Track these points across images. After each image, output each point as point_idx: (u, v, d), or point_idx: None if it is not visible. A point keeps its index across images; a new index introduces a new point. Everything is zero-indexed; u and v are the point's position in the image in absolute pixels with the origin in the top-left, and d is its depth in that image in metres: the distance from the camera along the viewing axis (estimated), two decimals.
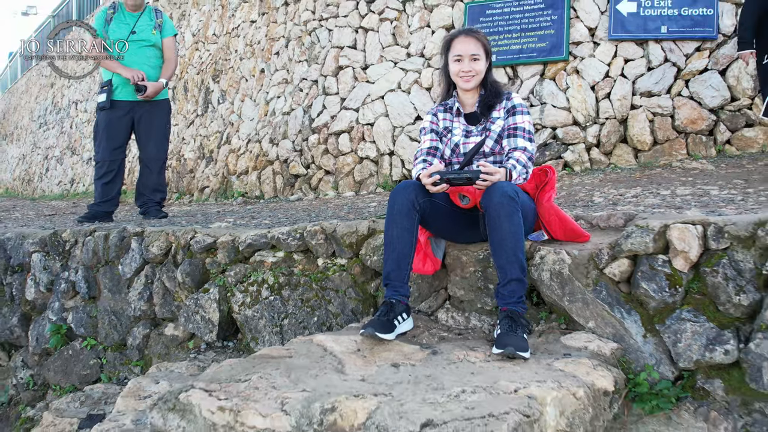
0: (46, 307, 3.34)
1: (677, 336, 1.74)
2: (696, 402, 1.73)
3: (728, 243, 1.73)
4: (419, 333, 1.96)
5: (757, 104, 4.57)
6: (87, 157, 11.48)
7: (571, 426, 1.46)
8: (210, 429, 1.44)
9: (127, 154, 4.32)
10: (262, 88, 6.57)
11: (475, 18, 5.24)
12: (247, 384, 1.52)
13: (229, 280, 2.55)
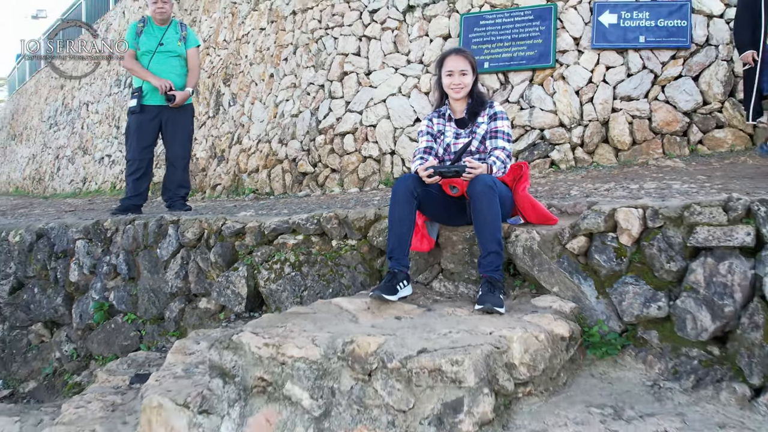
0: (88, 287, 3.79)
1: (622, 297, 2.19)
2: (637, 348, 2.18)
3: (662, 222, 2.17)
4: (417, 297, 2.41)
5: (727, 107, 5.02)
6: (99, 157, 11.93)
7: (534, 360, 1.90)
8: (257, 360, 1.89)
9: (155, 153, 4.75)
10: (272, 91, 7.02)
11: (470, 28, 5.68)
12: (283, 329, 1.97)
13: (255, 259, 2.99)
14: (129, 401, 2.63)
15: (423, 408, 1.66)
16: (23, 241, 4.30)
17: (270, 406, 1.88)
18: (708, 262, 2.06)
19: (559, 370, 2.03)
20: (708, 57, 5.10)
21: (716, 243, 2.05)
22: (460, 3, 5.78)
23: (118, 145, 11.09)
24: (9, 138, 20.98)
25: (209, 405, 2.00)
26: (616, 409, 1.91)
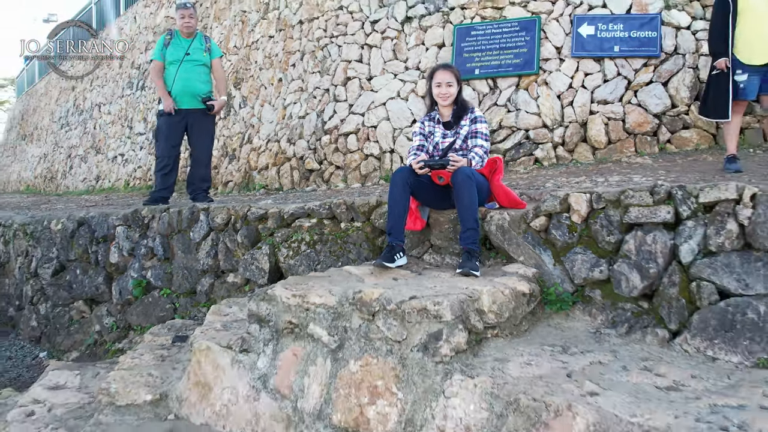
0: (127, 267, 4.35)
1: (573, 263, 2.76)
2: (584, 304, 2.74)
3: (604, 204, 2.74)
4: (410, 266, 2.97)
5: (693, 110, 5.58)
6: (112, 156, 12.49)
7: (500, 309, 2.47)
8: (287, 308, 2.45)
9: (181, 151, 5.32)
10: (280, 95, 7.58)
11: (462, 37, 6.24)
12: (306, 285, 2.54)
13: (276, 239, 3.56)
14: (174, 354, 3.20)
15: (413, 338, 2.23)
16: (65, 228, 4.87)
17: (296, 343, 2.45)
18: (638, 235, 2.62)
19: (521, 319, 2.59)
20: (676, 65, 5.65)
21: (644, 220, 2.61)
22: (453, 15, 6.34)
23: (131, 145, 11.66)
24: (19, 138, 21.56)
25: (248, 345, 2.57)
26: (564, 348, 2.48)
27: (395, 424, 2.21)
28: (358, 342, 2.31)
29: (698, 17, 5.70)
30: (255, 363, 2.54)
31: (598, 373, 2.23)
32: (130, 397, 2.72)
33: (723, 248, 2.46)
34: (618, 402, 2.00)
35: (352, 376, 2.29)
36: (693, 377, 2.27)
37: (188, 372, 2.73)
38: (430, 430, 2.14)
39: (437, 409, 2.14)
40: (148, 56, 11.92)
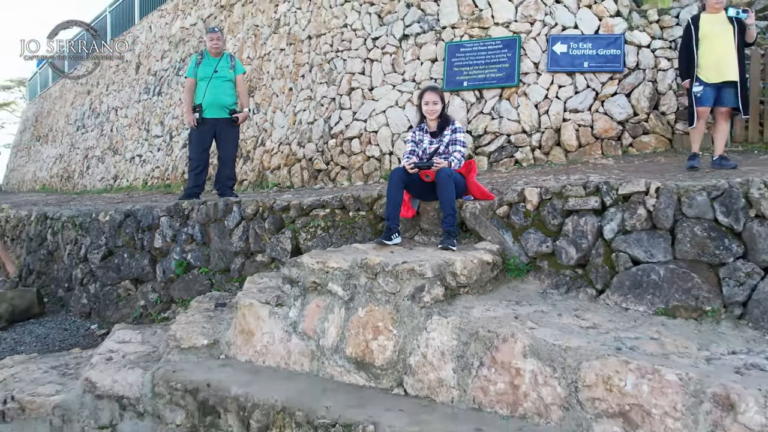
0: (170, 251, 5.22)
1: (527, 241, 3.62)
2: (535, 272, 3.60)
3: (550, 196, 3.60)
4: (404, 244, 3.84)
5: (652, 118, 6.43)
6: (129, 156, 13.36)
7: (469, 273, 3.32)
8: (311, 271, 3.32)
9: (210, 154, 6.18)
10: (291, 102, 8.45)
11: (452, 53, 7.10)
12: (325, 256, 3.40)
13: (297, 226, 4.42)
14: (217, 315, 4.06)
15: (404, 291, 3.09)
16: (113, 219, 5.73)
17: (319, 297, 3.31)
18: (574, 219, 3.49)
19: (486, 281, 3.46)
20: (637, 79, 6.52)
21: (579, 207, 3.48)
22: (444, 33, 7.21)
23: (148, 147, 12.52)
24: (33, 139, 22.43)
25: (282, 300, 3.43)
26: (517, 301, 3.34)
27: (391, 353, 3.07)
28: (365, 295, 3.18)
29: (657, 37, 6.57)
30: (287, 313, 3.40)
31: (538, 317, 3.09)
32: (191, 342, 3.59)
33: (635, 228, 3.33)
34: (548, 333, 2.86)
35: (360, 320, 3.16)
36: (609, 321, 3.13)
37: (234, 323, 3.60)
38: (417, 355, 3.00)
39: (421, 340, 3.00)
40: (164, 64, 12.78)
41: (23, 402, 3.59)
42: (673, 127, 6.41)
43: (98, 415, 3.54)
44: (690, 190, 3.24)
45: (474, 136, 6.79)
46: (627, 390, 2.53)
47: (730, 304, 3.08)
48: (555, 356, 2.71)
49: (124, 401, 3.49)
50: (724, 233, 3.13)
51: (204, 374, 3.33)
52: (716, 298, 3.10)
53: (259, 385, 3.16)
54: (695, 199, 3.20)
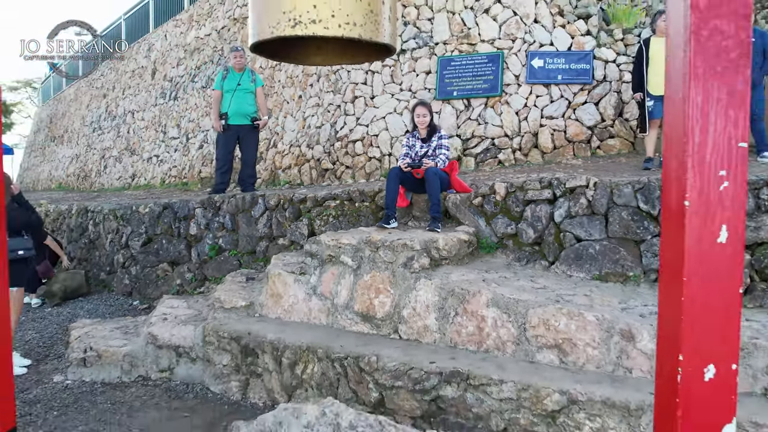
0: (203, 237, 6.19)
1: (497, 225, 4.59)
2: (502, 249, 4.58)
3: (515, 189, 4.57)
4: (399, 227, 4.81)
5: (617, 124, 7.39)
6: (147, 156, 14.32)
7: (450, 249, 4.30)
8: (327, 246, 4.30)
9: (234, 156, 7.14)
10: (300, 108, 9.42)
11: (444, 66, 8.06)
12: (337, 235, 4.38)
13: (312, 214, 5.39)
14: (249, 286, 5.03)
15: (398, 260, 4.07)
16: (152, 211, 6.71)
17: (333, 267, 4.29)
18: (532, 207, 4.46)
19: (463, 256, 4.43)
20: (604, 90, 7.48)
21: (536, 198, 4.45)
22: (437, 48, 8.17)
23: (165, 147, 13.49)
24: (48, 140, 23.39)
25: (304, 270, 4.41)
26: (486, 270, 4.31)
27: (389, 307, 4.05)
28: (368, 264, 4.15)
29: (621, 53, 7.53)
30: (309, 280, 4.37)
31: (501, 280, 4.07)
32: (232, 303, 4.56)
33: (578, 213, 4.30)
34: (506, 291, 3.83)
35: (365, 283, 4.13)
36: (555, 284, 4.10)
37: (265, 289, 4.57)
38: (408, 309, 3.97)
39: (411, 297, 3.98)
40: (179, 71, 13.74)
41: (99, 351, 4.56)
42: (635, 132, 7.37)
43: (159, 361, 4.52)
44: (619, 184, 4.22)
45: (462, 140, 7.75)
46: (560, 328, 3.50)
47: (647, 271, 4.05)
48: (510, 306, 3.68)
49: (180, 350, 4.46)
50: (644, 217, 4.10)
51: (244, 326, 4.30)
52: (637, 266, 4.08)
53: (288, 333, 4.13)
54: (623, 191, 4.17)
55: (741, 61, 0.93)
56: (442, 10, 8.20)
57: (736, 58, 0.92)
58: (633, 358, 3.29)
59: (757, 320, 3.35)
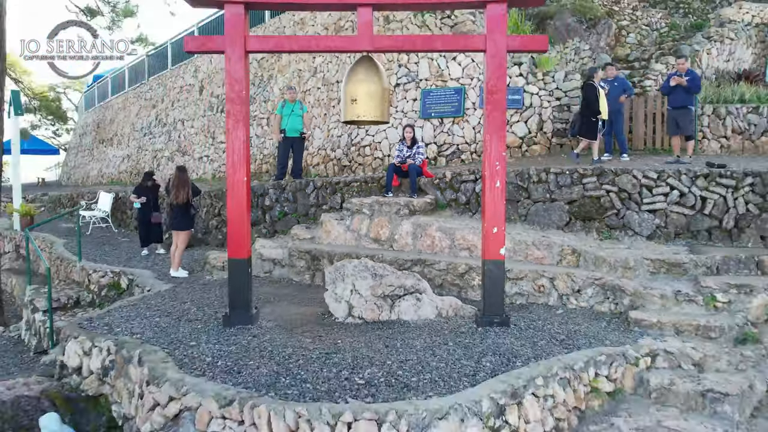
0: (273, 206, 10.04)
1: (445, 194, 8.46)
2: (448, 207, 8.45)
3: (456, 174, 8.43)
4: (394, 197, 8.68)
5: (539, 135, 11.21)
6: (198, 156, 18.13)
7: (422, 206, 8.17)
8: (354, 205, 8.18)
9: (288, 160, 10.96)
10: (325, 123, 13.25)
11: (426, 95, 11.86)
12: (360, 199, 8.26)
13: (343, 191, 9.24)
14: (309, 230, 8.91)
15: (392, 211, 7.95)
16: None
17: (358, 215, 8.19)
18: (464, 184, 8.32)
19: (427, 210, 8.30)
20: (530, 113, 11.30)
21: (466, 179, 8.31)
22: (421, 83, 11.98)
23: (214, 150, 17.30)
24: (96, 142, 27.21)
25: (342, 217, 8.29)
26: (439, 217, 8.17)
27: (388, 234, 7.92)
28: (377, 213, 8.02)
29: (542, 88, 11.37)
30: (345, 223, 8.24)
31: (445, 221, 7.92)
32: (302, 236, 8.44)
33: None
34: (447, 224, 7.71)
35: (375, 222, 8.00)
36: (472, 223, 7.97)
37: (320, 229, 8.44)
38: (397, 234, 7.85)
39: (398, 229, 7.85)
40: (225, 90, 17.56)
41: None
42: (551, 140, 11.21)
43: (263, 267, 8.37)
44: (511, 171, 8.07)
45: (437, 146, 11.57)
46: (468, 239, 7.36)
47: (521, 216, 7.91)
48: (447, 231, 7.55)
49: (275, 261, 8.32)
50: (520, 188, 7.96)
51: (310, 246, 8.17)
52: (515, 213, 7.94)
53: (335, 249, 7.98)
54: (510, 174, 8.03)
55: (498, 97, 4.78)
56: (425, 57, 12.03)
57: (502, 103, 4.79)
58: None
59: (518, 230, 7.22)
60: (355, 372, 4.42)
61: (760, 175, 7.00)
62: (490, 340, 5.18)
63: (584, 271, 6.53)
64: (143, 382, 4.67)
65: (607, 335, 5.44)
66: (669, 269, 6.36)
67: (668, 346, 5.30)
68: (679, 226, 7.16)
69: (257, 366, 4.58)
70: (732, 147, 10.57)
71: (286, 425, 3.77)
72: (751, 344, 5.41)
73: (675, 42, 13.61)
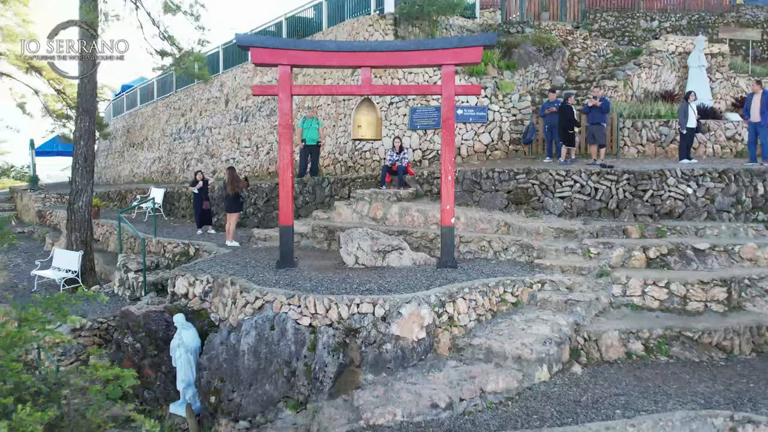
0: (297, 197, 13.42)
1: (423, 187, 11.83)
2: (425, 197, 11.81)
3: (423, 173, 11.80)
4: (387, 189, 12.05)
5: (498, 143, 14.56)
6: (224, 159, 21.45)
7: (407, 195, 11.54)
8: (359, 195, 11.59)
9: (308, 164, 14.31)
10: (334, 132, 16.61)
11: (413, 112, 15.19)
12: (362, 191, 11.66)
13: (350, 185, 12.60)
14: (326, 212, 12.32)
15: (384, 197, 11.34)
16: (270, 186, 13.93)
17: (361, 201, 11.60)
18: (437, 180, 11.69)
19: (410, 198, 11.70)
20: (493, 125, 14.65)
21: (438, 176, 11.67)
22: (410, 102, 15.32)
23: (240, 153, 20.63)
24: (127, 145, 30.57)
25: (350, 203, 11.69)
26: (420, 202, 11.54)
27: (382, 215, 11.32)
28: (374, 200, 11.40)
29: (502, 107, 14.74)
30: (352, 206, 11.61)
31: (422, 205, 11.30)
32: (321, 217, 11.83)
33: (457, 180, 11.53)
34: (423, 207, 11.11)
35: (372, 207, 11.38)
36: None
37: (334, 212, 11.83)
38: (389, 214, 11.24)
39: (389, 211, 11.24)
40: (248, 103, 20.87)
41: (267, 237, 11.79)
42: (509, 147, 14.57)
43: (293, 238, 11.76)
44: (468, 171, 11.44)
45: (422, 151, 14.91)
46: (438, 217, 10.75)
47: (474, 201, 11.30)
48: (423, 211, 10.96)
49: (301, 234, 11.70)
50: (475, 182, 11.34)
51: (327, 224, 11.56)
52: (471, 200, 11.32)
53: (344, 225, 11.35)
54: (467, 172, 11.41)
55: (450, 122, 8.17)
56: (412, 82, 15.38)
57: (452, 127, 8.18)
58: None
59: (472, 212, 10.62)
60: (361, 286, 7.79)
61: (633, 173, 10.36)
62: (443, 274, 8.54)
63: (511, 236, 9.88)
64: (236, 294, 8.03)
65: (517, 272, 8.80)
66: (566, 234, 9.72)
67: (554, 278, 8.66)
68: (580, 207, 10.51)
69: (303, 284, 7.96)
70: (646, 152, 13.97)
71: (323, 306, 7.15)
72: (605, 277, 8.75)
73: (616, 66, 16.97)
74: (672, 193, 10.29)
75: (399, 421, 5.98)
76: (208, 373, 7.51)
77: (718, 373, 7.02)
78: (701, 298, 8.33)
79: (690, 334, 7.65)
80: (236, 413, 7.26)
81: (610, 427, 5.54)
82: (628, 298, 8.49)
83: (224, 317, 8.26)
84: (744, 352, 7.63)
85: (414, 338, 7.08)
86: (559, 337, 7.27)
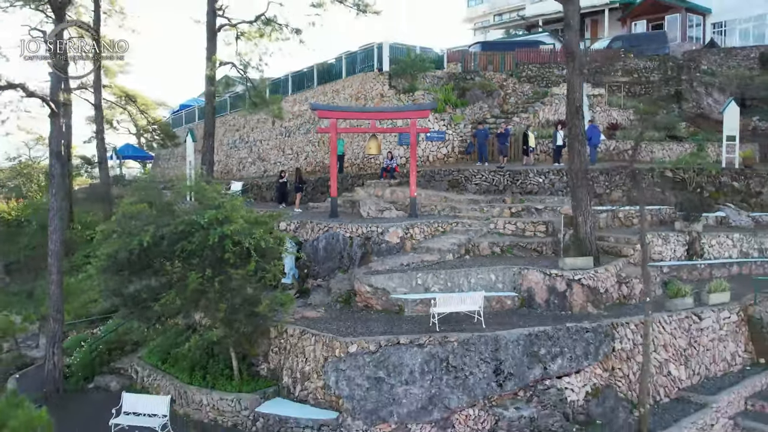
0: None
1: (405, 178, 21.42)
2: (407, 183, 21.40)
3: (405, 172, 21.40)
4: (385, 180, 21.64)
5: (453, 152, 24.05)
6: (272, 162, 30.89)
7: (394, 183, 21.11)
8: (370, 184, 21.22)
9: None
10: (350, 146, 26.11)
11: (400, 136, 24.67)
12: (372, 181, 21.26)
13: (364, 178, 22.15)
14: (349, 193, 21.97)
15: (384, 185, 20.96)
16: (316, 178, 23.53)
17: (370, 187, 21.21)
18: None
19: (398, 185, 21.27)
20: (449, 143, 24.13)
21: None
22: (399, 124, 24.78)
23: (284, 158, 30.08)
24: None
25: (367, 191, 21.31)
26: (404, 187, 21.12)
27: (381, 194, 20.93)
28: (377, 186, 20.99)
29: (454, 131, 24.32)
30: (365, 190, 21.18)
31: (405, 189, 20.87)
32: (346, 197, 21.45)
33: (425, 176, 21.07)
34: (402, 189, 20.72)
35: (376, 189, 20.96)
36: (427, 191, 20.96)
37: (354, 193, 21.43)
38: (385, 193, 20.83)
39: (385, 191, 20.83)
40: (290, 123, 30.36)
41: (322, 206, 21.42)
42: (458, 156, 24.10)
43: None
44: (428, 170, 21.01)
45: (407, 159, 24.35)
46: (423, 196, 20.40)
47: (431, 186, 20.89)
48: (403, 191, 20.59)
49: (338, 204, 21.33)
50: (431, 176, 20.93)
51: (351, 198, 21.15)
52: (429, 186, 20.92)
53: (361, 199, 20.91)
54: (428, 171, 21.00)
55: (414, 145, 17.83)
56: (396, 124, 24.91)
57: (415, 150, 17.82)
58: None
59: (428, 192, 20.28)
60: (369, 222, 17.46)
61: (513, 171, 19.95)
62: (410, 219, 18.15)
63: (447, 203, 19.46)
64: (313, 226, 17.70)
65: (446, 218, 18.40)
66: (474, 202, 19.29)
67: (463, 221, 18.30)
68: (485, 189, 20.07)
69: (345, 221, 17.62)
70: (540, 159, 23.51)
71: (355, 227, 16.89)
72: (488, 221, 18.32)
73: (530, 103, 26.43)
74: (532, 181, 19.88)
75: (387, 269, 15.56)
76: (304, 260, 17.12)
77: (532, 259, 16.61)
78: (532, 230, 17.88)
79: (523, 244, 17.21)
80: (315, 276, 16.89)
81: (471, 272, 15.12)
82: (497, 229, 18.06)
83: (307, 238, 17.84)
84: (547, 253, 17.17)
85: (395, 242, 16.69)
86: (460, 243, 16.85)
